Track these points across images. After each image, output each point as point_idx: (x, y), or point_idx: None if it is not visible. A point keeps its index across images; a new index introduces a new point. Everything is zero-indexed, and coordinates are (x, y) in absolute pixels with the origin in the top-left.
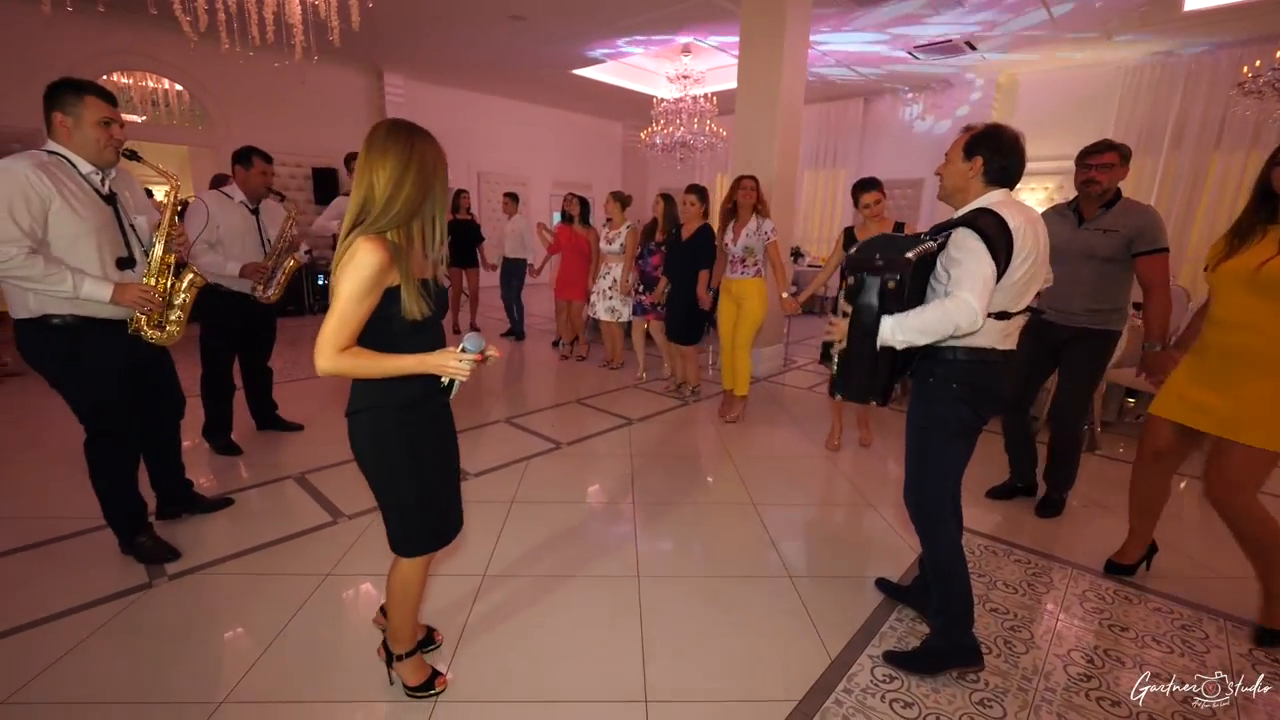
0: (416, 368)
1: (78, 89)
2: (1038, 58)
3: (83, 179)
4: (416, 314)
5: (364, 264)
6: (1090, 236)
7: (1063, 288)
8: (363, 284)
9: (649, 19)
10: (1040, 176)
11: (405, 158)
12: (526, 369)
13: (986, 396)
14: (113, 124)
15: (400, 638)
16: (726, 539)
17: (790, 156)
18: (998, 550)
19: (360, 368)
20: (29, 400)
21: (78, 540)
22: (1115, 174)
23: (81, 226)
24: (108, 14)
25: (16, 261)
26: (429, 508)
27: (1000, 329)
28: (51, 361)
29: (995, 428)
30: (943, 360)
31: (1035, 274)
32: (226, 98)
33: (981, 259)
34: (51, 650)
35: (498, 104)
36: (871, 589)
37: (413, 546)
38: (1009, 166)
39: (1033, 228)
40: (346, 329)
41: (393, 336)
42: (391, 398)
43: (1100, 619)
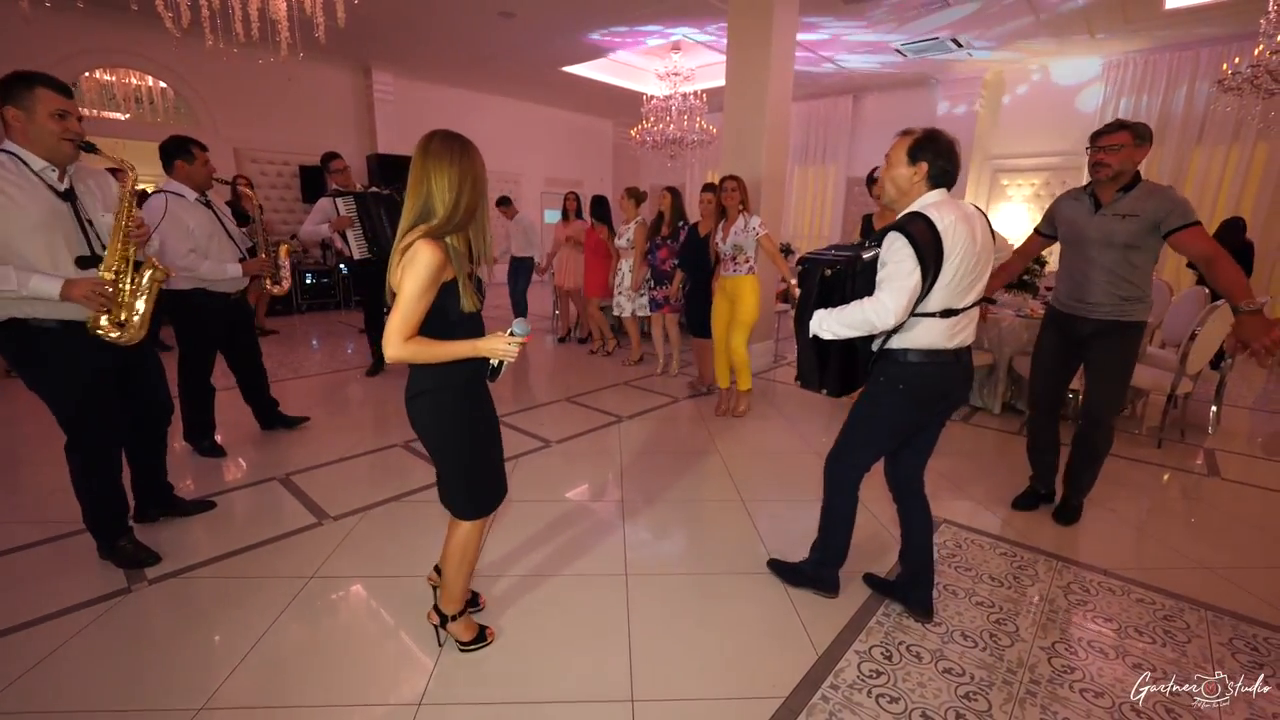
0: (471, 352)
1: (28, 81)
2: (1023, 55)
3: (32, 174)
4: (469, 307)
5: (424, 265)
6: (1108, 222)
7: (1082, 277)
8: (423, 282)
9: (637, 16)
10: (1026, 173)
11: (462, 169)
12: (523, 366)
13: (936, 397)
14: (69, 116)
15: (453, 598)
16: (715, 536)
17: (779, 153)
18: (983, 544)
19: (423, 354)
20: (15, 400)
21: (54, 545)
22: (1126, 155)
23: (24, 223)
24: (87, 10)
25: None
26: (487, 472)
27: (946, 327)
28: (22, 365)
29: (1005, 427)
30: (893, 361)
31: (976, 270)
32: (211, 95)
33: (904, 264)
34: (26, 658)
35: (487, 101)
36: (858, 584)
37: (475, 509)
38: (948, 170)
39: (965, 224)
40: (410, 321)
41: (448, 325)
42: (449, 380)
43: (1085, 611)
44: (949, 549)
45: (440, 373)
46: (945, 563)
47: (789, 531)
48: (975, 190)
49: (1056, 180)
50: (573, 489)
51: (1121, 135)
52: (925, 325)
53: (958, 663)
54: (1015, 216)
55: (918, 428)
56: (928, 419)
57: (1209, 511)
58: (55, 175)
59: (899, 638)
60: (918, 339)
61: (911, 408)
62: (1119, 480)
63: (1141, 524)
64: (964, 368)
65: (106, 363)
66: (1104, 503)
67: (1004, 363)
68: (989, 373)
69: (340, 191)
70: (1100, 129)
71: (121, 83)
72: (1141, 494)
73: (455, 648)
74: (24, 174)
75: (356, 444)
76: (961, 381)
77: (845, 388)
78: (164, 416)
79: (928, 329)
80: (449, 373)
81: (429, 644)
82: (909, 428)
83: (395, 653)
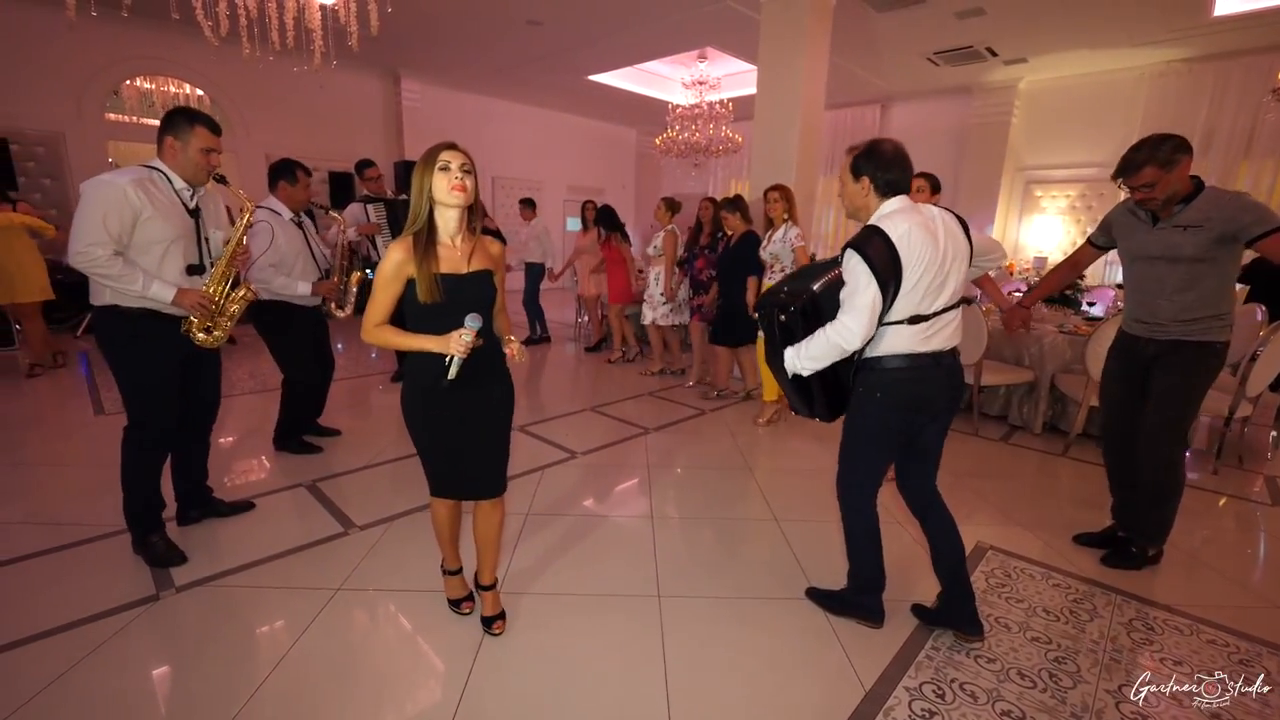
0: (429, 345)
1: (190, 118)
2: (1059, 64)
3: (175, 193)
4: (423, 297)
5: (385, 259)
6: (1170, 235)
7: (1146, 296)
8: (382, 274)
9: (666, 25)
10: (1062, 185)
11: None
12: (546, 373)
13: (916, 402)
14: (213, 152)
15: (444, 557)
16: (750, 558)
17: (810, 163)
18: (1034, 574)
19: (388, 341)
20: (40, 399)
21: (84, 549)
22: (1165, 185)
23: (164, 234)
24: (131, 19)
25: (101, 261)
26: (439, 465)
27: (916, 333)
28: (113, 343)
29: (1047, 448)
30: (869, 370)
31: (943, 274)
32: (246, 102)
33: (860, 280)
34: (53, 666)
35: (513, 109)
36: (905, 613)
37: (430, 486)
38: (895, 179)
39: (923, 231)
40: (378, 309)
41: (415, 318)
42: (415, 371)
43: (1151, 652)
44: (998, 578)
45: (412, 363)
46: (995, 593)
47: (827, 555)
48: (1008, 201)
49: (1093, 193)
50: (600, 503)
51: (1146, 174)
52: (894, 332)
53: (1016, 705)
54: (1048, 228)
55: (909, 435)
56: (916, 425)
57: (1273, 543)
58: (189, 195)
59: (951, 674)
60: (890, 345)
61: (893, 414)
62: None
63: (1199, 554)
64: (945, 370)
65: (179, 355)
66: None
67: (1045, 380)
68: (1029, 390)
69: (371, 198)
70: (1120, 170)
71: (160, 90)
72: (1198, 522)
73: (484, 670)
74: (168, 190)
75: (381, 451)
76: (944, 384)
77: (835, 412)
78: (212, 414)
79: (897, 335)
80: (416, 365)
81: (458, 664)
82: (898, 435)
83: (424, 672)
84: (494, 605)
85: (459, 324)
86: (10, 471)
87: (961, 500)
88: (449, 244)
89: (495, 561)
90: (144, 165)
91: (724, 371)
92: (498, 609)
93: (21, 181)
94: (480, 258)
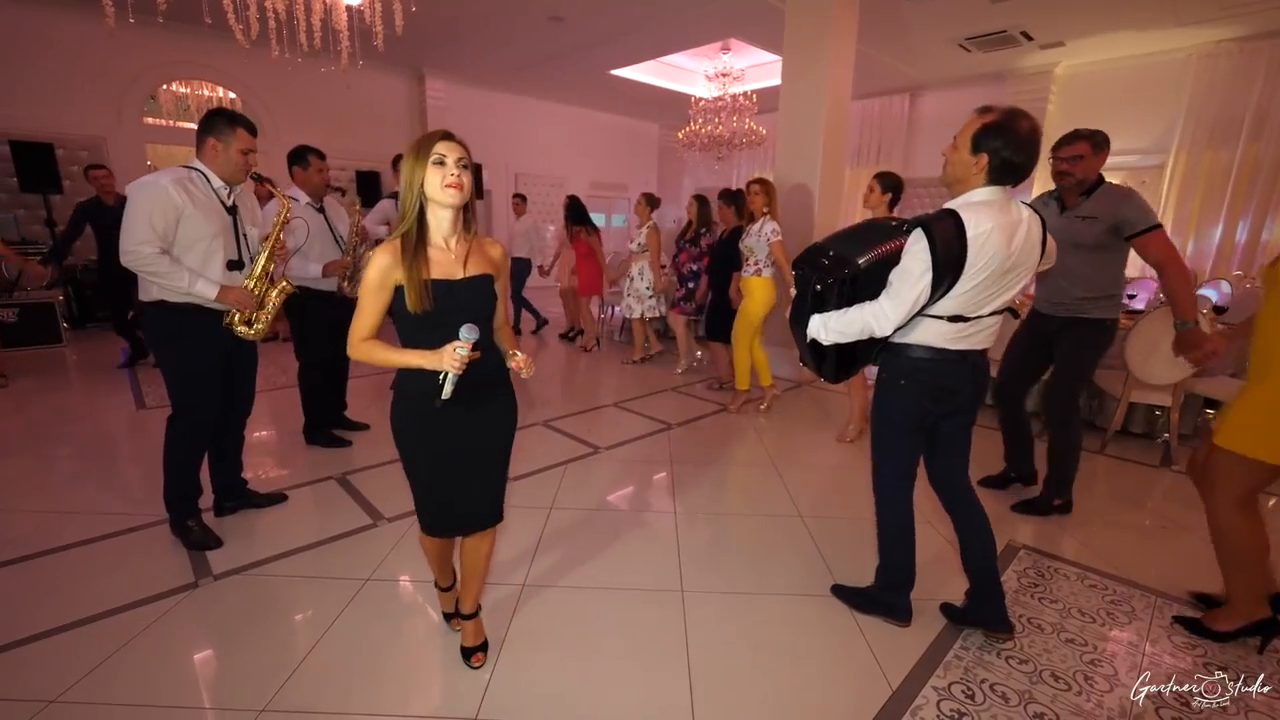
0: (419, 362)
1: (232, 121)
2: (1099, 47)
3: (213, 191)
4: (412, 308)
5: (372, 265)
6: (1072, 224)
7: (1052, 278)
8: (368, 282)
9: (689, 17)
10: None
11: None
12: (559, 370)
13: (941, 393)
14: (250, 154)
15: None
16: (774, 554)
17: (837, 154)
18: (1069, 573)
19: (374, 357)
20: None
21: (126, 538)
22: (1087, 164)
23: (204, 231)
24: (166, 25)
25: (149, 258)
26: (429, 498)
27: (952, 330)
28: (161, 336)
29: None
30: (895, 355)
31: (1002, 284)
32: (276, 104)
33: (915, 271)
34: (96, 652)
35: (536, 106)
36: (933, 613)
37: (421, 523)
38: (1017, 163)
39: (1002, 235)
40: (363, 321)
41: (405, 329)
42: (404, 389)
43: (1194, 656)
44: (1030, 578)
45: (403, 382)
46: (1027, 593)
47: (853, 552)
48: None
49: (1134, 180)
50: (624, 498)
51: (1080, 145)
52: (929, 325)
53: (1049, 707)
54: None
55: (934, 423)
56: (939, 413)
57: None
58: (226, 193)
59: (980, 674)
60: (921, 336)
61: (916, 402)
62: None
63: None
64: (971, 367)
65: (222, 348)
66: (1203, 532)
67: None
68: None
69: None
70: (1060, 139)
71: (195, 94)
72: None
73: (509, 663)
74: (206, 189)
75: None
76: (968, 380)
77: (840, 375)
78: (248, 408)
79: (932, 328)
80: (407, 384)
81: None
82: (922, 422)
83: (450, 661)
84: (476, 635)
85: (454, 336)
86: (57, 464)
87: (994, 498)
88: (442, 246)
89: (480, 590)
90: (184, 166)
91: (725, 364)
92: (480, 638)
93: (66, 184)
94: (477, 261)
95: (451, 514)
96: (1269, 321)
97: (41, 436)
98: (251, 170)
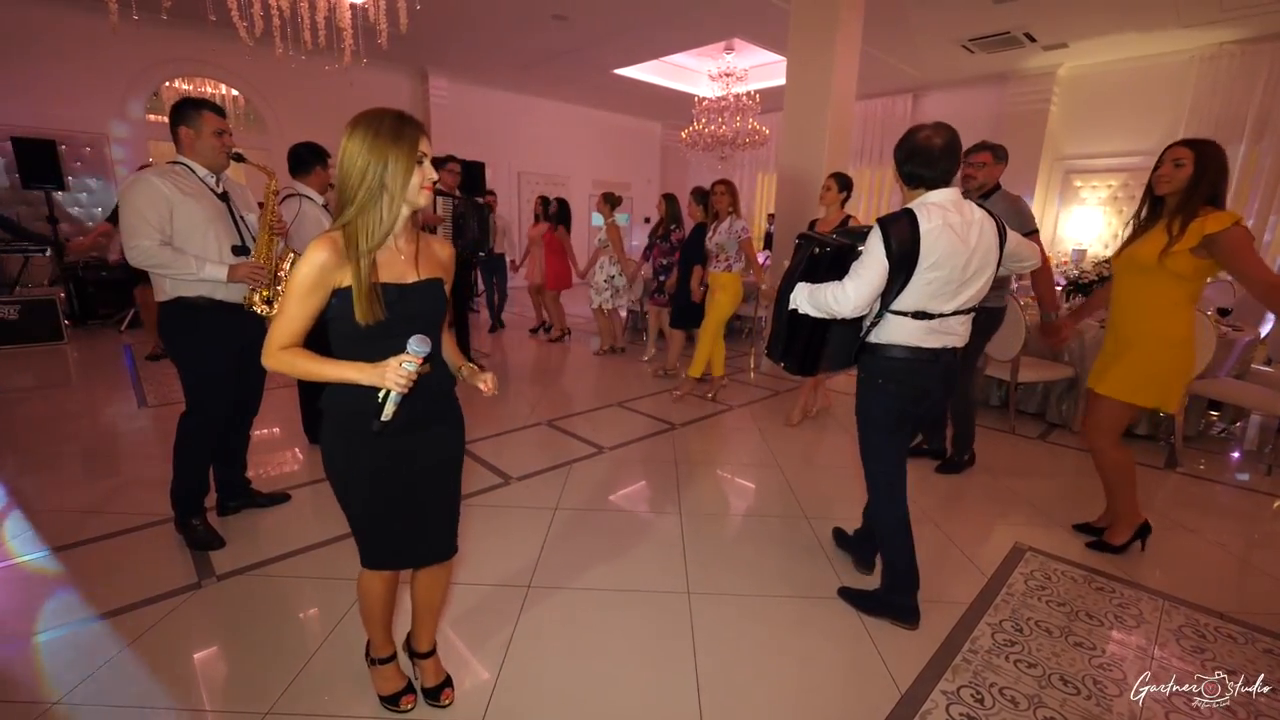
0: (357, 377)
1: (197, 106)
2: (1102, 48)
3: (200, 181)
4: (360, 318)
5: (306, 261)
6: None
7: None
8: (302, 281)
9: (693, 17)
10: (1102, 174)
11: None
12: (565, 369)
13: (917, 393)
14: (224, 134)
15: (372, 642)
16: (780, 555)
17: (841, 155)
18: (1075, 576)
19: (300, 369)
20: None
21: (131, 537)
22: (990, 171)
23: (199, 218)
24: (170, 21)
25: (152, 251)
26: (377, 524)
27: (920, 327)
28: (178, 336)
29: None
30: (872, 354)
31: (962, 278)
32: (279, 101)
33: (873, 256)
34: (102, 651)
35: (538, 105)
36: (939, 614)
37: (364, 556)
38: (920, 174)
39: (953, 233)
40: (288, 327)
41: (341, 339)
42: (336, 408)
43: (1204, 660)
44: (1037, 580)
45: (335, 401)
46: (1034, 596)
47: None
48: (1045, 192)
49: (1136, 182)
50: (628, 499)
51: (984, 155)
52: (898, 323)
53: (1059, 711)
54: (1089, 220)
55: (914, 421)
56: (918, 413)
57: None
58: (214, 181)
59: (990, 678)
60: (893, 335)
61: (895, 400)
62: (1227, 511)
63: (1251, 559)
64: (943, 366)
65: (235, 347)
66: (1211, 534)
67: (1086, 377)
68: (1069, 387)
69: (442, 192)
70: (969, 148)
71: (198, 91)
72: (1250, 525)
73: (515, 666)
74: (194, 180)
75: None
76: (939, 379)
77: (803, 368)
78: (256, 408)
79: (902, 326)
80: (340, 404)
81: (489, 658)
82: (903, 420)
83: (455, 664)
84: (437, 672)
85: (397, 348)
86: (58, 462)
87: (998, 499)
88: (392, 246)
89: (436, 627)
90: (168, 163)
91: (678, 354)
92: (442, 675)
93: (70, 181)
94: (428, 263)
95: (400, 543)
96: (1121, 302)
97: (43, 435)
98: (230, 151)
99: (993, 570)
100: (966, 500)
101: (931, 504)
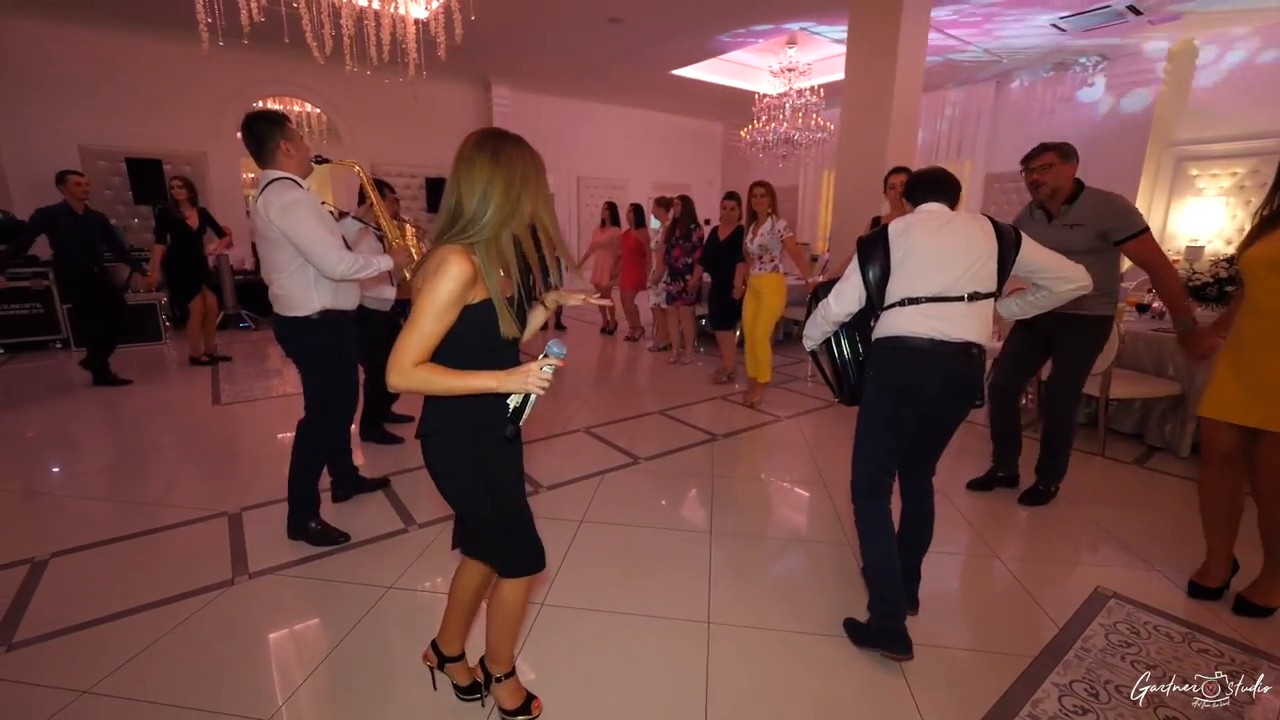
0: (497, 387)
1: (284, 119)
2: (1222, 19)
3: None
4: (506, 333)
5: (450, 277)
6: (1061, 232)
7: None
8: (447, 297)
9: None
10: (1222, 161)
11: (489, 170)
12: (617, 372)
13: (899, 380)
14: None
15: (500, 659)
16: (817, 587)
17: (907, 148)
18: (1172, 633)
19: (437, 383)
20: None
21: (176, 532)
22: (1057, 172)
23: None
24: (252, 45)
25: (349, 261)
26: (520, 527)
27: (913, 313)
28: (318, 347)
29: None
30: (870, 348)
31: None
32: (352, 115)
33: (849, 271)
34: (144, 637)
35: (597, 110)
36: (993, 670)
37: (515, 567)
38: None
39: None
40: (426, 342)
41: (471, 355)
42: (463, 421)
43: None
44: (1121, 635)
45: (455, 412)
46: (1114, 653)
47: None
48: (1154, 183)
49: (1267, 167)
50: (659, 514)
51: (1048, 156)
52: (888, 315)
53: None
54: (1207, 213)
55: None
56: (909, 412)
57: None
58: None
59: None
60: (884, 328)
61: (885, 394)
62: None
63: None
64: (940, 358)
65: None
66: None
67: (1196, 395)
68: (1174, 406)
69: None
70: (1028, 153)
71: (286, 110)
72: None
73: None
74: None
75: None
76: (933, 368)
77: (855, 398)
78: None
79: (891, 318)
80: (466, 413)
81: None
82: (895, 417)
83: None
84: (518, 693)
85: (507, 361)
86: (134, 457)
87: (1078, 533)
88: None
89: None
90: (276, 179)
91: (731, 356)
92: (524, 693)
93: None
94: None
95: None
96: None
97: (127, 428)
98: (313, 157)
99: (1066, 619)
100: (1039, 533)
101: (993, 534)
